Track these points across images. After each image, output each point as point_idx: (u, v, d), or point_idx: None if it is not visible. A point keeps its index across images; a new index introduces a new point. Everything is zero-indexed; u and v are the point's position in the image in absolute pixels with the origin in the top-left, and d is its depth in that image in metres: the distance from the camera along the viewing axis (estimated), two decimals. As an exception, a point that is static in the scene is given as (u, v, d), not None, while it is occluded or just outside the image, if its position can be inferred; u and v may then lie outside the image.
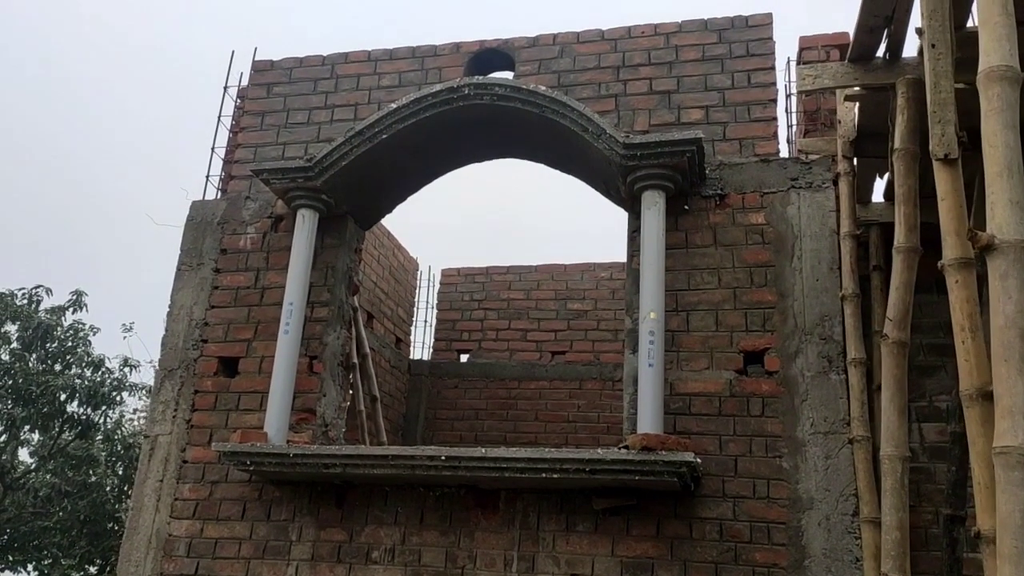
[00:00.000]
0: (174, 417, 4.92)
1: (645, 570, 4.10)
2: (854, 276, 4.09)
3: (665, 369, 4.27)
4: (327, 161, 4.81)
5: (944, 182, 2.78)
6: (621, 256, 9.10)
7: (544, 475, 4.07)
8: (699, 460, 3.97)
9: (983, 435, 2.39)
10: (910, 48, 3.63)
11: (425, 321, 8.41)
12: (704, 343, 4.42)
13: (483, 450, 4.21)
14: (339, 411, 4.99)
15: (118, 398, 10.75)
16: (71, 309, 11.05)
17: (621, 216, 4.94)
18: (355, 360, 6.10)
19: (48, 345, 10.57)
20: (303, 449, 4.33)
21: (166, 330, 5.18)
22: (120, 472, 11.18)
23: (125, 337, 12.60)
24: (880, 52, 3.69)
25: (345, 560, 4.44)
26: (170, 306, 5.18)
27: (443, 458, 4.16)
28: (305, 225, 4.89)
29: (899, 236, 3.33)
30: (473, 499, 4.42)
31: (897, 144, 3.40)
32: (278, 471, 4.42)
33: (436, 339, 8.42)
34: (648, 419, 4.09)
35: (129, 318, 15.27)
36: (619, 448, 4.09)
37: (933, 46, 2.89)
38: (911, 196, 3.34)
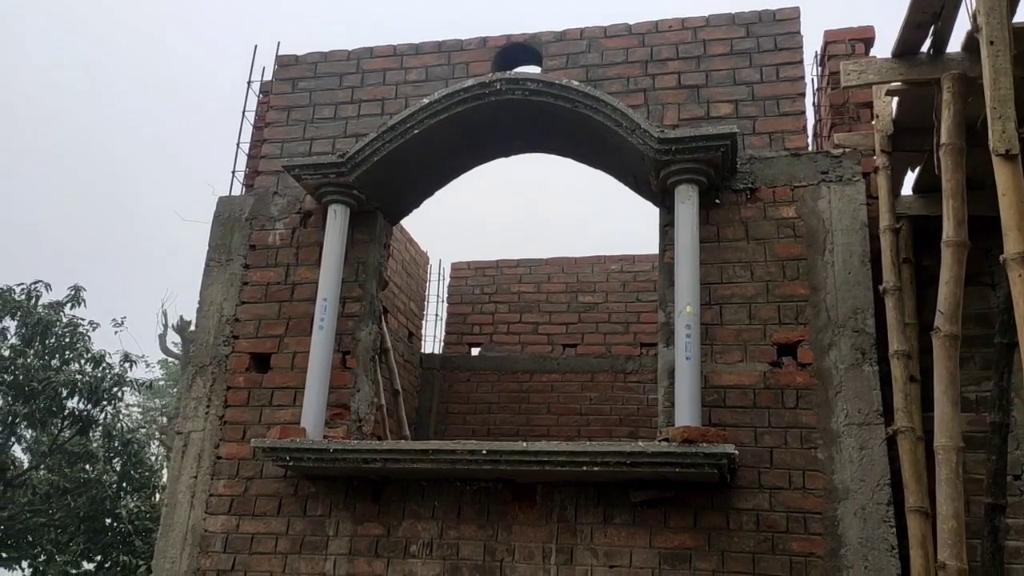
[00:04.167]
0: (207, 413, 4.89)
1: (683, 561, 4.15)
2: (895, 269, 4.13)
3: (700, 362, 4.30)
4: (359, 156, 4.79)
5: (1005, 177, 2.83)
6: (630, 249, 9.17)
7: (585, 468, 4.09)
8: (737, 452, 4.02)
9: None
10: (954, 43, 3.67)
11: (436, 315, 8.40)
12: (738, 336, 4.46)
13: (524, 444, 4.23)
14: (371, 406, 4.99)
15: (119, 393, 10.65)
16: (69, 304, 10.93)
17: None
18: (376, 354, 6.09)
19: (47, 340, 10.44)
20: (343, 444, 4.33)
21: (196, 326, 5.15)
22: (118, 468, 11.09)
23: (116, 332, 12.52)
24: (924, 48, 3.73)
25: (383, 554, 4.45)
26: (200, 302, 5.14)
27: (484, 452, 4.18)
28: (337, 221, 4.87)
29: (948, 230, 3.37)
30: (510, 493, 4.44)
31: (944, 139, 3.44)
32: (317, 466, 4.41)
33: (447, 333, 8.40)
34: (686, 412, 4.13)
35: (119, 313, 15.17)
36: (659, 441, 4.12)
37: (992, 43, 2.93)
38: (959, 191, 3.38)
